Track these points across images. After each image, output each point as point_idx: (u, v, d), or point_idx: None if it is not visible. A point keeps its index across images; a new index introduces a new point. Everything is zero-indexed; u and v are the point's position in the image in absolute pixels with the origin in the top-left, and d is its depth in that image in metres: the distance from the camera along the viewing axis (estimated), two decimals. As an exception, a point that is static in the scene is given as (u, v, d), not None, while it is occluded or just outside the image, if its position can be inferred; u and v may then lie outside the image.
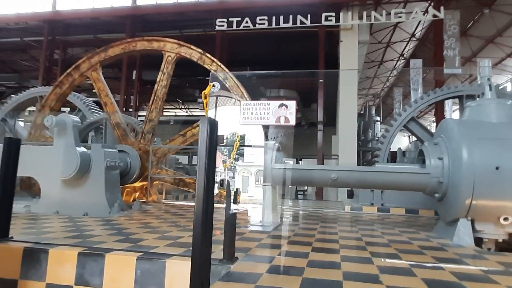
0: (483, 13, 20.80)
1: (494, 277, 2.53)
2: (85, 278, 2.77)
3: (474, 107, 4.23)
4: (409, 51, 27.63)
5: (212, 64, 6.74)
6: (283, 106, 2.34)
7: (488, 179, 3.61)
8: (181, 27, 15.89)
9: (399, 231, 4.55)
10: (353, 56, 16.01)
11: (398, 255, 3.15)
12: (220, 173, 15.78)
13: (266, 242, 3.57)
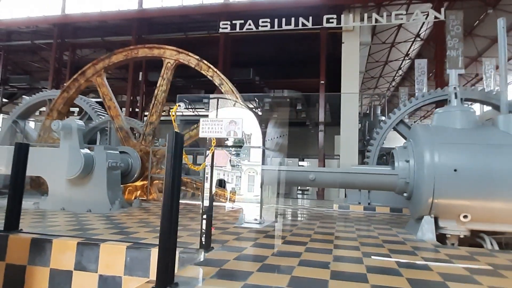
0: (488, 13, 20.78)
1: (432, 265, 2.90)
2: (83, 264, 3.23)
3: (441, 113, 4.56)
4: (414, 51, 27.62)
5: (208, 70, 7.15)
6: (232, 122, 2.78)
7: (447, 180, 3.96)
8: (186, 29, 16.34)
9: (374, 227, 4.93)
10: (354, 57, 16.24)
11: (359, 247, 3.54)
12: (225, 172, 16.16)
13: (245, 236, 3.99)
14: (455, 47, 17.44)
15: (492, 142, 4.03)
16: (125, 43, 16.44)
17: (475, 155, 3.98)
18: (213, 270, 2.59)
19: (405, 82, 32.20)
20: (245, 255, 3.11)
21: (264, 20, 14.93)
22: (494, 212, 3.98)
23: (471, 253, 3.50)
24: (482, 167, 3.94)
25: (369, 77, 31.64)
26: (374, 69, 30.70)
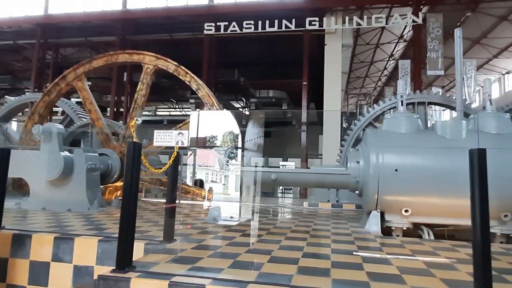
0: (467, 16, 21.44)
1: (363, 253, 3.37)
2: (59, 256, 3.63)
3: (390, 119, 5.05)
4: (398, 52, 28.25)
5: (186, 76, 7.54)
6: (180, 134, 3.23)
7: (389, 178, 4.45)
8: (171, 30, 16.64)
9: (332, 222, 5.41)
10: (337, 58, 16.71)
11: (306, 237, 4.00)
12: (213, 172, 16.55)
13: (210, 230, 4.43)
14: (435, 49, 18.07)
15: (429, 145, 4.53)
16: (110, 44, 16.70)
17: (414, 156, 4.48)
18: (170, 257, 3.02)
19: (390, 82, 32.88)
20: (203, 245, 3.54)
21: (248, 22, 15.32)
22: (430, 206, 4.48)
23: (402, 242, 3.99)
24: (419, 167, 4.43)
25: (355, 77, 32.24)
26: (360, 69, 31.30)
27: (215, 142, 9.90)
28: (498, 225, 4.47)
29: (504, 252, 3.65)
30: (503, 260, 3.26)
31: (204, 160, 11.59)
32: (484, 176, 2.22)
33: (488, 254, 2.12)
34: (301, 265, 2.88)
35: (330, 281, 2.48)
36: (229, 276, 2.52)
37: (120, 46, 15.21)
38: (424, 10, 18.10)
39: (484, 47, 25.33)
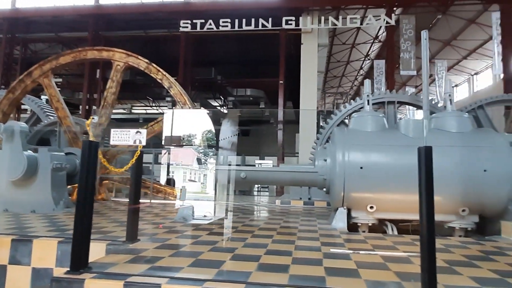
0: (438, 18, 22.15)
1: (324, 248, 3.43)
2: (17, 258, 3.51)
3: (356, 118, 5.17)
4: (373, 52, 28.87)
5: (157, 73, 7.44)
6: (138, 133, 3.20)
7: (354, 176, 4.56)
8: (146, 27, 16.37)
9: (301, 219, 5.48)
10: (313, 58, 16.91)
11: (272, 235, 4.04)
12: (194, 171, 16.41)
13: (177, 229, 4.39)
14: (408, 50, 18.52)
15: (393, 143, 4.66)
16: (82, 39, 16.24)
17: (378, 154, 4.60)
18: (130, 257, 2.98)
19: (367, 81, 33.53)
20: (167, 244, 3.51)
21: (224, 20, 15.26)
22: (394, 203, 4.62)
23: (366, 238, 4.09)
24: (384, 164, 4.56)
25: (332, 76, 32.72)
26: (337, 68, 31.80)
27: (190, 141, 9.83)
28: (457, 219, 4.66)
29: (459, 245, 3.81)
30: (457, 253, 3.40)
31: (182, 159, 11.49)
32: (430, 172, 2.30)
33: (433, 246, 2.21)
34: (262, 262, 2.91)
35: (287, 277, 2.52)
36: (187, 274, 2.51)
37: (92, 42, 14.82)
38: (398, 12, 18.57)
39: (454, 49, 26.27)
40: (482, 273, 2.73)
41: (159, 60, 16.48)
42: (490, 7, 16.72)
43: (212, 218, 5.60)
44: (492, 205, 4.52)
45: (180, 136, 9.34)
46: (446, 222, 4.77)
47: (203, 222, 5.17)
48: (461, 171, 4.47)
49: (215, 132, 8.71)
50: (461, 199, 4.51)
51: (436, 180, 4.54)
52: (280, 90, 15.86)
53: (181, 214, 5.13)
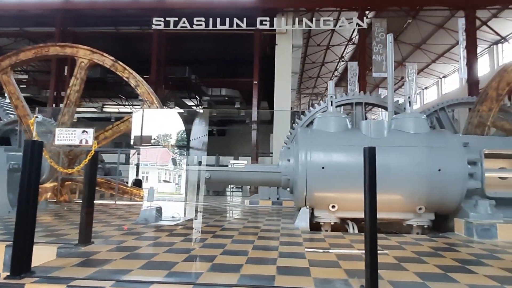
0: (409, 22, 22.86)
1: (282, 248, 3.46)
2: (-43, 264, 3.32)
3: (320, 118, 5.24)
4: (347, 54, 29.44)
5: (124, 71, 7.27)
6: (84, 132, 3.12)
7: (317, 176, 4.62)
8: (117, 23, 15.94)
9: (266, 219, 5.51)
10: (287, 58, 17.03)
11: (233, 235, 4.03)
12: (169, 171, 16.09)
13: (136, 231, 4.30)
14: (380, 53, 18.95)
15: (353, 144, 4.76)
16: (50, 35, 15.65)
17: (340, 154, 4.68)
18: (79, 260, 2.89)
19: (341, 82, 34.20)
20: (122, 247, 3.43)
21: (198, 19, 15.10)
22: (355, 202, 4.70)
23: (325, 236, 4.16)
24: (345, 164, 4.65)
25: (308, 77, 33.12)
26: (312, 69, 32.22)
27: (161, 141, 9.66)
28: (414, 217, 4.82)
29: (413, 242, 3.94)
30: (408, 250, 3.51)
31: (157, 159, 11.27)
32: (373, 171, 2.37)
33: (375, 243, 2.28)
34: (216, 262, 2.90)
35: (238, 276, 2.51)
36: (135, 277, 2.47)
37: (60, 38, 14.30)
38: (370, 15, 19.02)
39: (424, 52, 27.19)
40: (427, 268, 2.83)
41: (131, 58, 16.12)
42: (457, 13, 17.40)
43: (180, 219, 5.55)
44: (446, 203, 4.70)
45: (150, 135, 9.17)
46: (404, 220, 4.92)
47: (170, 223, 5.10)
48: (417, 171, 4.62)
49: (186, 132, 8.61)
50: (418, 197, 4.67)
51: (395, 179, 4.69)
52: (254, 90, 15.87)
53: (143, 216, 5.03)
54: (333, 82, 5.65)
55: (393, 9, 17.31)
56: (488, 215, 4.49)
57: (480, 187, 4.74)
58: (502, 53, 22.78)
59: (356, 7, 16.46)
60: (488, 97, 7.32)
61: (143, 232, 4.23)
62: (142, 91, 7.25)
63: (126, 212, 6.30)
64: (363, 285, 2.30)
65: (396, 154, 4.70)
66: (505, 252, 3.46)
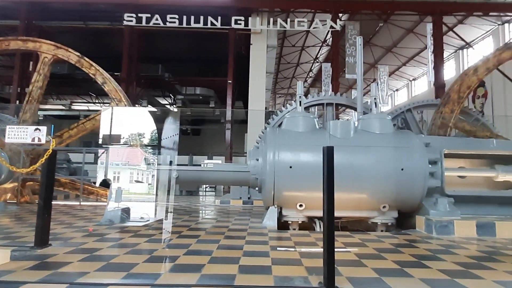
0: (381, 26, 23.52)
1: (247, 247, 3.46)
2: None
3: (289, 118, 5.29)
4: (322, 56, 29.92)
5: (90, 68, 7.04)
6: (37, 130, 3.01)
7: (284, 175, 4.66)
8: (86, 18, 15.42)
9: (235, 219, 5.49)
10: (262, 58, 17.06)
11: (200, 235, 3.99)
12: (139, 171, 15.70)
13: (99, 233, 4.17)
14: (353, 55, 19.34)
15: (320, 143, 4.81)
16: (13, 28, 14.93)
17: (307, 154, 4.74)
18: (33, 263, 2.77)
19: (316, 83, 34.75)
20: (81, 249, 3.32)
21: (172, 16, 14.86)
22: (321, 201, 4.76)
23: (291, 235, 4.20)
24: (312, 164, 4.70)
25: (283, 78, 33.39)
26: (287, 70, 32.51)
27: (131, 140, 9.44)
28: (378, 215, 4.96)
29: (375, 239, 4.05)
30: (370, 247, 3.60)
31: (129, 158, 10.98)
32: (332, 170, 2.41)
33: (332, 240, 2.32)
34: (178, 262, 2.86)
35: (198, 276, 2.49)
36: (90, 279, 2.39)
37: (25, 32, 13.67)
38: (344, 18, 19.40)
39: (395, 55, 28.06)
40: (385, 264, 2.91)
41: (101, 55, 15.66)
42: (425, 19, 18.06)
43: (149, 220, 5.44)
44: (409, 201, 4.86)
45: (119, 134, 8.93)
46: (369, 218, 5.05)
47: (138, 224, 4.99)
48: (382, 170, 4.76)
49: (157, 131, 8.46)
50: (382, 196, 4.80)
51: (360, 178, 4.80)
52: (229, 90, 15.81)
53: (107, 217, 4.89)
54: (301, 83, 5.72)
55: (366, 13, 17.72)
56: (446, 212, 4.69)
57: (440, 185, 4.94)
58: (467, 58, 23.90)
59: (329, 10, 16.73)
60: (450, 99, 7.65)
61: (106, 234, 4.10)
62: (110, 89, 7.05)
63: (91, 213, 6.11)
64: (321, 282, 2.34)
65: (361, 153, 4.81)
66: (459, 247, 3.62)
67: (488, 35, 21.73)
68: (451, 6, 16.25)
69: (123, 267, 2.69)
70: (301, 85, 5.59)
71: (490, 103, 20.07)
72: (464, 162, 5.77)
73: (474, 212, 5.15)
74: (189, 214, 6.08)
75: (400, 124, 9.64)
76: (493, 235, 4.31)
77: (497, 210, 5.27)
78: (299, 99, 5.33)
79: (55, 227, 4.38)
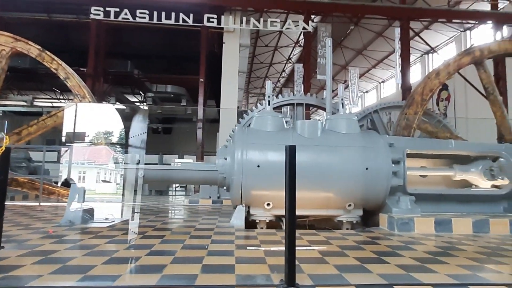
0: (352, 29, 24.10)
1: (212, 246, 3.42)
2: None
3: (258, 118, 5.30)
4: (294, 56, 30.27)
5: (52, 62, 6.73)
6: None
7: (252, 174, 4.66)
8: (51, 10, 14.72)
9: (203, 218, 5.44)
10: (235, 57, 17.00)
11: (164, 235, 3.92)
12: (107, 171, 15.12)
13: (61, 233, 4.00)
14: (324, 56, 19.64)
15: (288, 143, 4.85)
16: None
17: (274, 153, 4.77)
18: (-19, 268, 2.60)
19: (289, 83, 35.11)
20: (36, 251, 3.16)
21: (142, 11, 14.48)
22: (288, 199, 4.82)
23: (258, 234, 4.21)
24: (279, 163, 4.71)
25: (256, 77, 33.48)
26: (260, 69, 32.63)
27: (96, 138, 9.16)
28: (344, 213, 5.07)
29: (340, 237, 4.14)
30: (334, 244, 3.67)
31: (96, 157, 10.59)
32: (293, 169, 2.43)
33: (293, 238, 2.34)
34: (138, 263, 2.78)
35: (159, 277, 2.43)
36: (43, 283, 2.27)
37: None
38: (317, 20, 19.68)
39: (365, 58, 28.86)
40: (347, 261, 2.98)
41: (66, 49, 15.03)
42: (394, 23, 18.68)
43: (114, 220, 5.27)
44: (373, 199, 5.00)
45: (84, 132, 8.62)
46: (335, 216, 5.15)
47: (102, 225, 4.82)
48: (347, 169, 4.87)
49: (125, 129, 8.23)
50: (347, 194, 4.91)
51: (326, 177, 4.88)
52: (201, 88, 15.62)
53: (67, 217, 4.70)
54: (271, 82, 5.75)
55: (337, 15, 18.08)
56: (408, 210, 4.86)
57: (403, 184, 5.11)
58: (432, 62, 25.00)
59: (302, 11, 16.92)
60: (414, 101, 7.95)
61: (65, 235, 3.93)
62: (73, 84, 6.77)
63: (51, 214, 5.84)
64: (282, 279, 2.35)
65: (328, 153, 4.90)
66: (418, 243, 3.77)
67: (452, 41, 22.85)
68: (417, 12, 16.90)
69: (80, 269, 2.58)
70: (271, 85, 5.62)
71: (453, 105, 21.11)
72: (426, 161, 6.02)
73: (434, 209, 5.38)
74: (155, 214, 5.96)
75: (369, 125, 9.92)
76: (450, 231, 4.52)
77: (455, 207, 5.53)
78: (268, 99, 5.35)
79: (10, 229, 4.15)
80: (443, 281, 2.44)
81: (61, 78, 6.82)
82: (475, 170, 5.65)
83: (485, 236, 4.30)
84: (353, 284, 2.34)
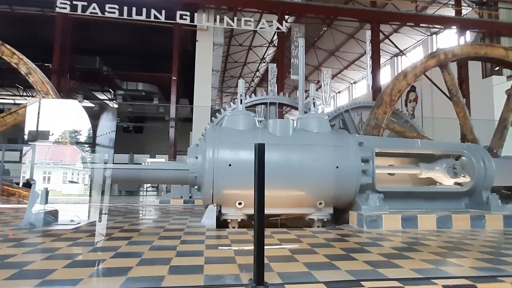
0: (324, 30, 24.50)
1: (181, 246, 3.35)
2: None
3: (230, 116, 5.26)
4: (269, 56, 30.40)
5: (13, 56, 6.37)
6: None
7: (223, 173, 4.61)
8: (13, 2, 13.96)
9: (174, 218, 5.33)
10: (208, 56, 16.83)
11: (132, 236, 3.79)
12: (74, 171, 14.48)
13: (20, 237, 3.78)
14: (297, 56, 19.78)
15: (259, 141, 4.85)
16: None
17: (246, 152, 4.73)
18: None
19: (263, 83, 35.23)
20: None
21: (111, 6, 14.02)
22: (260, 198, 4.81)
23: (228, 233, 4.17)
24: (250, 162, 4.69)
25: (230, 76, 33.35)
26: (235, 69, 32.53)
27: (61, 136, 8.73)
28: (315, 211, 5.12)
29: (310, 235, 4.17)
30: (304, 242, 3.70)
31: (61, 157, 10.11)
32: (262, 167, 2.42)
33: (262, 236, 2.32)
34: (105, 266, 2.67)
35: (123, 280, 2.34)
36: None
37: None
38: (290, 20, 19.83)
39: (337, 59, 29.45)
40: (316, 258, 3.00)
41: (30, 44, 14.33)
42: (365, 26, 19.15)
43: (80, 222, 5.05)
44: (343, 197, 5.09)
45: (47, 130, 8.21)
46: (306, 214, 5.20)
47: (66, 227, 4.60)
48: (318, 168, 4.92)
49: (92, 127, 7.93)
50: (318, 193, 4.97)
51: (297, 176, 4.91)
52: (173, 87, 15.34)
53: (28, 220, 4.46)
54: (243, 81, 5.72)
55: (310, 16, 18.31)
56: (376, 208, 4.98)
57: (372, 182, 5.23)
58: (401, 64, 25.89)
59: (276, 11, 17.01)
60: (383, 102, 8.18)
61: (24, 238, 3.72)
62: (35, 80, 6.44)
63: (11, 216, 5.53)
64: (251, 278, 2.33)
65: (299, 152, 4.93)
66: (385, 240, 3.86)
67: (419, 44, 23.77)
68: (387, 16, 17.41)
69: (38, 273, 2.44)
70: (243, 83, 5.59)
71: (420, 106, 21.95)
72: (394, 160, 6.21)
73: (401, 206, 5.55)
74: (124, 215, 5.77)
75: (341, 124, 10.11)
76: (416, 227, 4.67)
77: (421, 204, 5.73)
78: (240, 97, 5.31)
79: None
80: (408, 275, 2.50)
81: (23, 73, 6.47)
82: (439, 168, 5.88)
83: (448, 231, 4.48)
84: (321, 281, 2.35)
